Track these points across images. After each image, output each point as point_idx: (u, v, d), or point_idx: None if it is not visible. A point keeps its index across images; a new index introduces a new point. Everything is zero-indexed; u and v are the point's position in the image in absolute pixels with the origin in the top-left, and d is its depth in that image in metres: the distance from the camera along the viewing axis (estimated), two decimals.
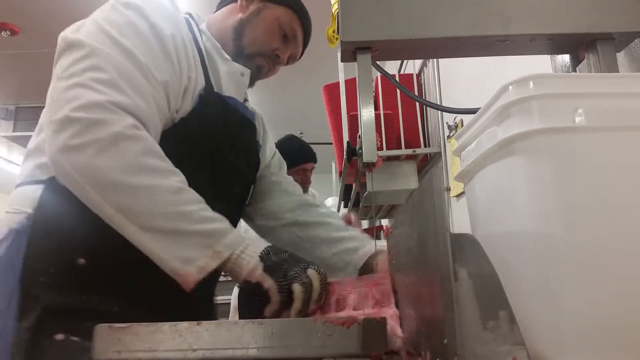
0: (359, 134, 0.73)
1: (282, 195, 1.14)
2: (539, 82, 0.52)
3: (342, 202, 2.90)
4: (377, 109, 2.04)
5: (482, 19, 0.71)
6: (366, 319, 0.55)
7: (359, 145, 0.73)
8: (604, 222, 0.49)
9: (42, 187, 0.80)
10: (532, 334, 0.49)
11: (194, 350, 0.54)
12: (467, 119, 1.03)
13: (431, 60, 2.19)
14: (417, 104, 2.18)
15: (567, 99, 0.52)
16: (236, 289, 2.95)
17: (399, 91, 2.12)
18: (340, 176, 2.44)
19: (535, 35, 0.71)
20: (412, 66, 2.49)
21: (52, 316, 0.73)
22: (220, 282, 1.02)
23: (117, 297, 0.78)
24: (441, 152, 2.03)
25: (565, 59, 0.90)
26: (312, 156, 2.48)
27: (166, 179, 0.73)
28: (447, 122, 1.94)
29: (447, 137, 1.94)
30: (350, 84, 2.03)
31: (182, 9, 3.37)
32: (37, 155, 0.83)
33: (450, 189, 1.89)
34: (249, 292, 0.75)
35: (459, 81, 1.85)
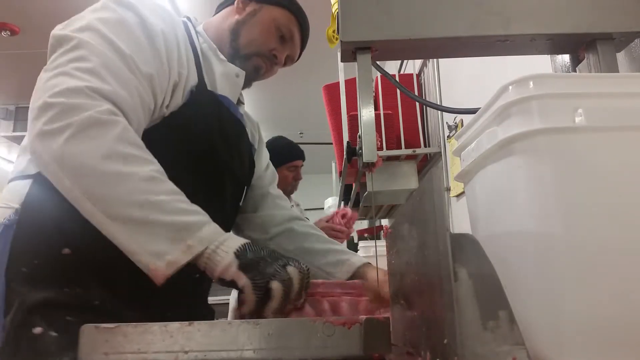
0: (359, 134, 0.73)
1: (274, 208, 1.15)
2: (539, 82, 0.52)
3: (342, 202, 2.89)
4: (377, 109, 2.04)
5: (482, 19, 0.71)
6: (368, 318, 0.54)
7: (359, 145, 0.73)
8: (604, 222, 0.49)
9: (30, 181, 0.79)
10: (532, 334, 0.49)
11: (186, 352, 0.52)
12: (467, 119, 1.03)
13: (431, 60, 2.19)
14: (417, 104, 2.18)
15: (567, 99, 0.52)
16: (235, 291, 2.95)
17: (399, 91, 2.12)
18: (340, 176, 2.44)
19: (535, 35, 0.71)
20: (412, 66, 2.49)
21: (32, 310, 0.71)
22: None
23: (99, 291, 0.76)
24: (441, 152, 2.03)
25: (565, 59, 0.90)
26: (302, 154, 2.57)
27: (139, 166, 0.71)
28: (447, 122, 1.94)
29: (447, 137, 1.94)
30: (350, 84, 2.03)
31: (182, 10, 3.38)
32: (28, 151, 0.82)
33: (450, 189, 1.88)
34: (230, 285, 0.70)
35: (459, 81, 1.85)
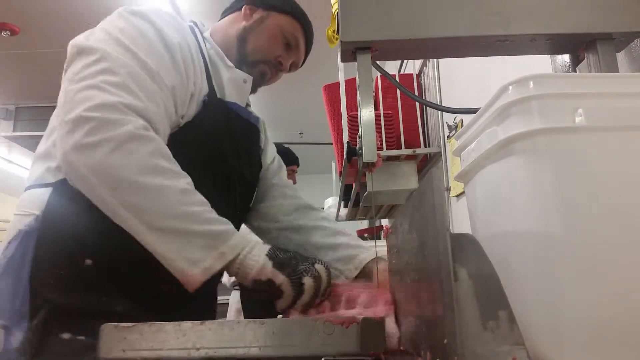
0: (359, 134, 0.73)
1: (280, 197, 1.16)
2: (539, 82, 0.52)
3: (342, 202, 2.89)
4: (377, 109, 2.04)
5: (482, 19, 0.71)
6: (365, 318, 0.57)
7: (359, 145, 0.73)
8: (603, 222, 0.49)
9: (50, 189, 0.82)
10: (532, 334, 0.49)
11: (197, 349, 0.56)
12: (467, 119, 1.03)
13: (431, 60, 2.18)
14: (417, 104, 2.17)
15: (567, 99, 0.52)
16: (235, 292, 2.96)
17: (399, 91, 2.11)
18: (340, 176, 2.44)
19: (535, 35, 0.71)
20: (412, 66, 2.48)
21: (59, 316, 0.75)
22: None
23: (123, 298, 0.80)
24: (441, 152, 2.03)
25: (565, 59, 0.90)
26: (296, 159, 2.79)
27: (174, 180, 0.75)
28: (447, 122, 1.94)
29: (447, 137, 1.94)
30: (350, 84, 2.02)
31: (182, 10, 3.38)
32: (46, 159, 0.85)
33: (450, 189, 1.88)
34: (253, 292, 0.76)
35: (459, 81, 1.85)
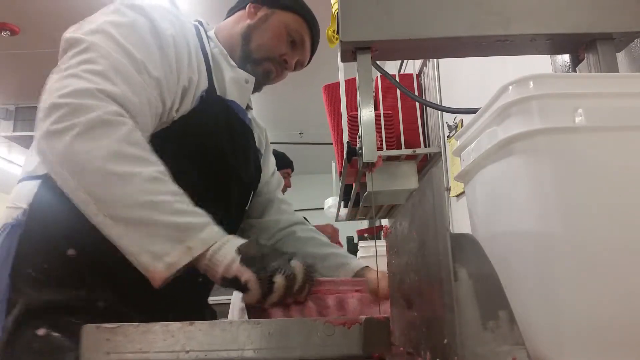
0: (359, 134, 0.73)
1: (278, 213, 1.17)
2: (539, 82, 0.52)
3: (342, 202, 2.89)
4: (377, 109, 2.03)
5: (482, 19, 0.71)
6: (368, 318, 0.55)
7: (359, 145, 0.73)
8: (604, 222, 0.49)
9: (39, 182, 0.80)
10: (532, 334, 0.49)
11: (187, 351, 0.52)
12: (467, 119, 1.03)
13: (431, 60, 2.18)
14: (417, 104, 2.17)
15: (567, 99, 0.52)
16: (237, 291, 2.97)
17: (399, 91, 2.11)
18: (340, 176, 2.44)
19: (535, 35, 0.71)
20: (412, 66, 2.48)
21: (36, 311, 0.71)
22: None
23: (104, 292, 0.77)
24: (441, 152, 2.03)
25: (565, 59, 0.90)
26: (291, 163, 2.92)
27: (143, 167, 0.70)
28: (447, 122, 1.94)
29: (447, 137, 1.94)
30: (350, 84, 2.02)
31: (182, 10, 3.37)
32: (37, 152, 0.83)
33: (450, 189, 1.88)
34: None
35: (459, 81, 1.85)
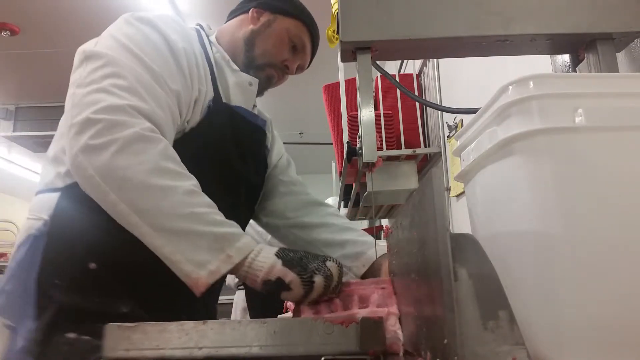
0: (359, 134, 0.73)
1: (288, 194, 1.17)
2: (539, 82, 0.52)
3: (342, 202, 2.89)
4: (377, 109, 2.04)
5: (482, 19, 0.71)
6: (364, 318, 0.58)
7: (359, 145, 0.73)
8: (603, 222, 0.49)
9: (58, 194, 0.83)
10: (532, 334, 0.49)
11: (200, 348, 0.56)
12: (467, 119, 1.03)
13: (431, 60, 2.19)
14: (417, 104, 2.17)
15: (567, 99, 0.52)
16: (239, 291, 2.97)
17: (399, 91, 2.12)
18: (340, 176, 2.44)
19: (535, 35, 0.71)
20: (412, 66, 2.48)
21: (65, 316, 0.76)
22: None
23: (128, 299, 0.81)
24: (441, 152, 2.03)
25: (565, 59, 0.90)
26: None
27: (181, 181, 0.74)
28: (447, 122, 1.94)
29: (447, 137, 1.94)
30: (350, 84, 2.02)
31: (182, 10, 3.38)
32: (56, 164, 0.86)
33: (450, 189, 1.88)
34: (262, 293, 0.74)
35: (459, 81, 1.85)
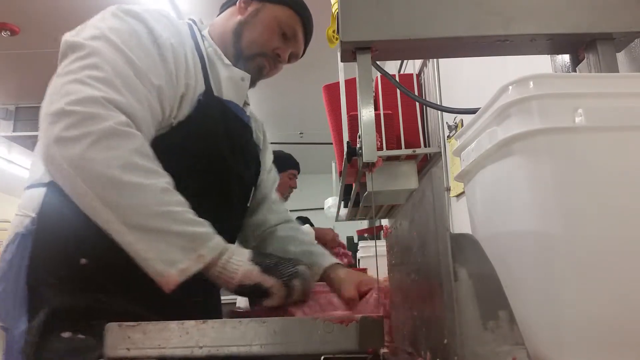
0: (359, 134, 0.73)
1: (268, 212, 1.19)
2: (539, 82, 0.52)
3: (342, 202, 2.89)
4: (377, 109, 2.03)
5: (482, 19, 0.71)
6: (364, 317, 0.58)
7: (359, 145, 0.73)
8: (604, 222, 0.49)
9: (44, 190, 0.81)
10: (532, 334, 0.49)
11: (200, 347, 0.57)
12: (467, 119, 1.02)
13: (431, 60, 2.18)
14: (417, 104, 2.17)
15: (567, 99, 0.52)
16: None
17: (399, 91, 2.11)
18: (340, 176, 2.44)
19: (535, 35, 0.71)
20: (412, 66, 2.48)
21: (59, 315, 0.75)
22: None
23: (119, 296, 0.80)
24: (441, 152, 2.03)
25: (565, 59, 0.90)
26: (297, 164, 2.95)
27: (154, 178, 0.74)
28: (447, 122, 1.94)
29: (447, 137, 1.94)
30: (350, 84, 2.02)
31: (182, 10, 3.38)
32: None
33: (450, 189, 1.88)
34: (240, 294, 0.78)
35: (459, 81, 1.85)
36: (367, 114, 0.72)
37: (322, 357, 0.57)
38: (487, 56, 0.79)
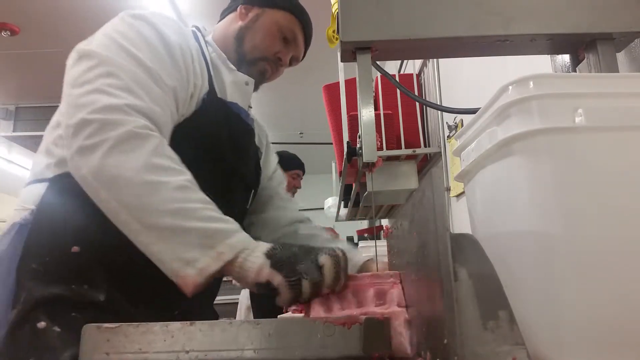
0: (359, 134, 0.73)
1: (280, 209, 1.18)
2: (539, 82, 0.52)
3: (342, 202, 2.89)
4: (377, 109, 2.03)
5: (482, 19, 0.71)
6: (368, 318, 0.54)
7: (359, 145, 0.73)
8: (603, 222, 0.49)
9: (46, 184, 0.82)
10: (532, 334, 0.49)
11: (187, 352, 0.52)
12: (467, 119, 1.02)
13: (431, 60, 2.18)
14: (417, 104, 2.17)
15: (567, 99, 0.52)
16: (244, 289, 3.00)
17: (399, 91, 2.12)
18: (340, 176, 2.44)
19: (535, 35, 0.71)
20: (412, 66, 2.48)
21: (38, 304, 0.72)
22: (224, 282, 1.02)
23: (105, 289, 0.77)
24: (441, 152, 2.03)
25: (565, 59, 0.90)
26: (302, 165, 2.98)
27: (172, 176, 0.72)
28: (447, 122, 1.94)
29: (447, 137, 1.94)
30: (350, 84, 2.02)
31: (182, 10, 3.37)
32: (47, 155, 0.85)
33: (450, 189, 1.88)
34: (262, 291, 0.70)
35: (459, 81, 1.85)
36: (367, 114, 0.72)
37: None
38: (487, 56, 0.79)
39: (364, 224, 4.29)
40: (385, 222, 3.46)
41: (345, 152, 0.89)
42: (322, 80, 2.45)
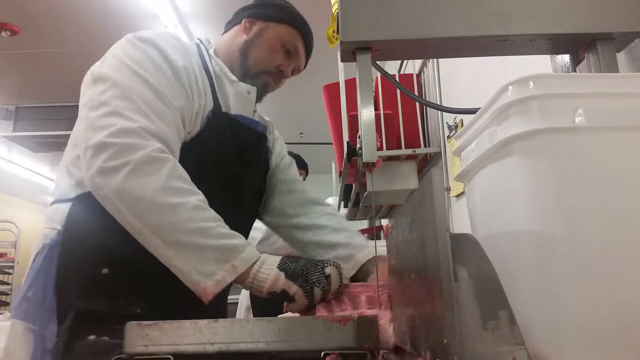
0: (359, 134, 0.73)
1: (287, 193, 1.20)
2: (539, 82, 0.52)
3: (342, 202, 2.89)
4: (377, 109, 2.03)
5: (482, 19, 0.71)
6: (360, 316, 0.64)
7: (359, 145, 0.73)
8: (603, 222, 0.49)
9: (70, 204, 0.89)
10: (532, 334, 0.49)
11: (212, 344, 0.63)
12: (467, 119, 1.03)
13: (431, 60, 2.18)
14: (417, 104, 2.17)
15: (567, 99, 0.52)
16: (244, 290, 3.01)
17: (399, 91, 2.11)
18: (340, 176, 2.44)
19: (535, 35, 0.71)
20: (412, 66, 2.48)
21: (84, 320, 0.82)
22: None
23: (139, 302, 0.86)
24: (441, 152, 2.03)
25: (565, 59, 0.89)
26: (306, 165, 2.92)
27: (188, 198, 0.80)
28: (447, 122, 1.94)
29: (447, 137, 1.94)
30: (350, 84, 2.02)
31: (183, 12, 3.37)
32: (68, 175, 0.92)
33: (450, 189, 1.88)
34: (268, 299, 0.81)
35: (459, 81, 1.85)
36: (367, 114, 0.72)
37: (322, 353, 0.62)
38: (487, 56, 0.79)
39: (364, 224, 4.28)
40: (385, 222, 3.46)
41: (345, 152, 0.90)
42: (322, 80, 2.45)
